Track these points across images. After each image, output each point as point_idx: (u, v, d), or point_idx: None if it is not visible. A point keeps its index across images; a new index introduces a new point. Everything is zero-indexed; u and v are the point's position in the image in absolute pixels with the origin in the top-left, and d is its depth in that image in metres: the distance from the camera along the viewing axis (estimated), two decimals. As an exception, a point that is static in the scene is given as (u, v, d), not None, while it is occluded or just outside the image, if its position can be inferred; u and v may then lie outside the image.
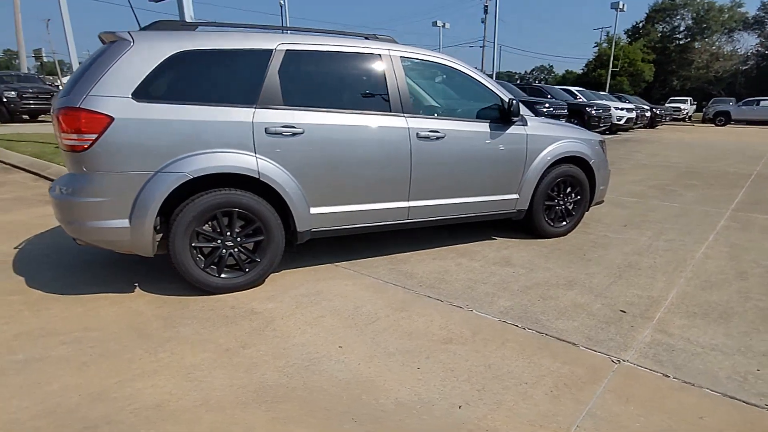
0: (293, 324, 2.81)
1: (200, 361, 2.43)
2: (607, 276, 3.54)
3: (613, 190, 6.70)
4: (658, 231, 4.71)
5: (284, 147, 3.17)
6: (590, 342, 2.59)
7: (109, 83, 2.82)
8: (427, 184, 3.69)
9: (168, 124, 2.90)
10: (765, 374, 2.28)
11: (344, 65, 3.48)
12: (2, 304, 3.08)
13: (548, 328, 2.74)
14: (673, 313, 2.94)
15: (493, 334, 2.68)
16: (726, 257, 3.94)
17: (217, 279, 3.18)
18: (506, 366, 2.37)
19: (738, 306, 3.03)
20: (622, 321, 2.83)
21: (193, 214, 3.01)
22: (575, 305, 3.05)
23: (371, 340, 2.63)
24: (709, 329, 2.73)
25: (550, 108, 12.84)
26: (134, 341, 2.61)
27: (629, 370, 2.34)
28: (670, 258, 3.92)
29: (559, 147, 4.22)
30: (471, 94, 4.03)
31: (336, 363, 2.41)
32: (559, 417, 1.99)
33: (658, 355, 2.45)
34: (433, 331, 2.72)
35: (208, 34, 3.15)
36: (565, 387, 2.19)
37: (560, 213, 4.48)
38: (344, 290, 3.29)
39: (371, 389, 2.19)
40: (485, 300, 3.12)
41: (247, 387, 2.21)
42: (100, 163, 2.81)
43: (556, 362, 2.40)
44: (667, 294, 3.21)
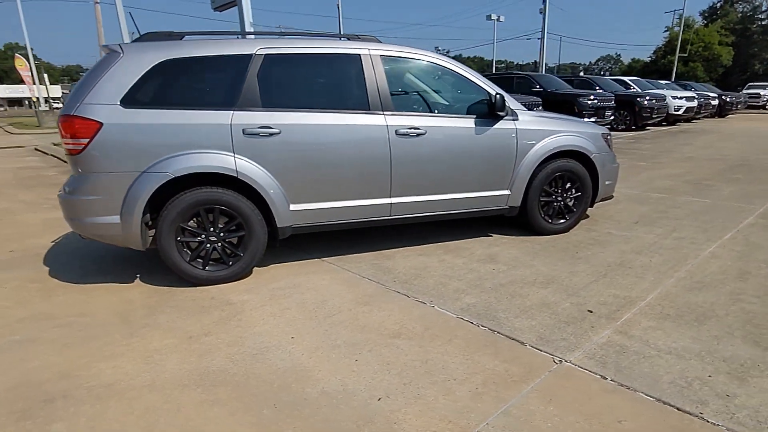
0: (259, 315, 2.95)
1: (163, 346, 2.62)
2: (590, 275, 3.39)
3: (641, 185, 6.33)
4: (671, 228, 4.41)
5: (261, 147, 3.31)
6: (540, 341, 2.52)
7: (100, 92, 3.09)
8: (409, 180, 3.70)
9: (152, 127, 3.12)
10: (715, 381, 2.13)
11: (323, 67, 3.57)
12: (21, 290, 3.45)
13: (503, 326, 2.69)
14: (644, 314, 2.78)
15: (444, 330, 2.68)
16: (734, 257, 3.64)
17: (202, 271, 3.39)
18: (443, 362, 2.37)
19: (721, 308, 2.82)
20: (583, 321, 2.72)
21: (176, 211, 3.22)
22: (542, 304, 2.96)
23: (324, 332, 2.71)
24: (676, 332, 2.57)
25: (594, 100, 12.24)
26: (116, 327, 2.85)
27: (567, 370, 2.26)
28: (669, 257, 3.68)
29: (553, 141, 4.07)
30: (456, 90, 3.99)
31: (282, 352, 2.51)
32: (472, 414, 1.98)
33: (606, 357, 2.35)
34: (387, 326, 2.76)
35: (192, 42, 3.34)
36: (492, 385, 2.17)
37: (559, 209, 4.32)
38: (320, 284, 3.39)
39: (304, 378, 2.28)
40: (451, 296, 3.11)
41: (194, 371, 2.36)
42: (93, 164, 3.08)
43: (495, 360, 2.37)
44: (647, 294, 3.04)
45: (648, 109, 13.68)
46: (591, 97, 12.32)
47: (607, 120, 12.88)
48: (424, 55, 3.79)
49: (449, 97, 4.03)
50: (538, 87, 12.96)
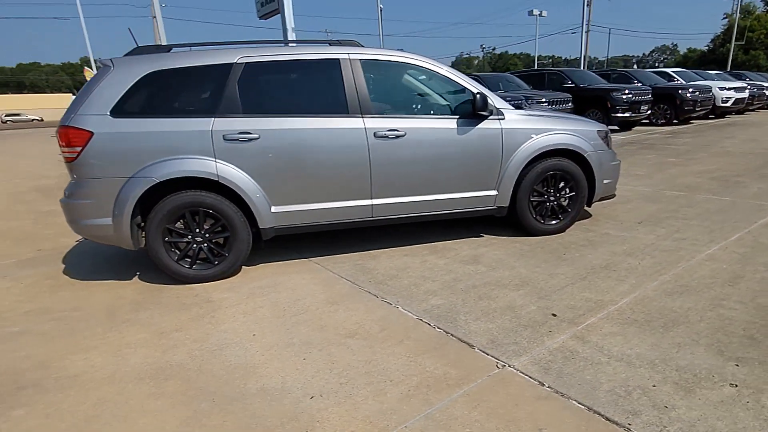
0: (232, 313, 3.05)
1: (135, 340, 2.76)
2: (570, 277, 3.26)
3: (662, 183, 5.99)
4: (674, 229, 4.16)
5: (241, 151, 3.41)
6: (490, 345, 2.46)
7: (92, 103, 3.29)
8: (389, 181, 3.70)
9: (139, 135, 3.29)
10: (658, 391, 2.00)
11: (302, 72, 3.63)
12: (34, 286, 3.73)
13: (458, 329, 2.65)
14: (610, 319, 2.65)
15: (399, 332, 2.67)
16: (733, 259, 3.38)
17: (189, 270, 3.54)
18: (385, 363, 2.36)
19: (697, 314, 2.63)
20: (543, 325, 2.63)
21: (163, 213, 3.38)
22: (508, 307, 2.88)
23: (285, 330, 2.77)
24: (637, 338, 2.43)
25: (629, 94, 11.66)
26: (100, 321, 3.04)
27: (507, 375, 2.20)
28: (662, 259, 3.48)
29: (542, 140, 3.94)
30: (439, 90, 3.93)
31: (240, 349, 2.59)
32: (395, 416, 1.97)
33: (551, 363, 2.26)
34: (345, 326, 2.78)
35: (179, 54, 3.49)
36: (425, 388, 2.14)
37: (553, 209, 4.17)
38: (298, 283, 3.46)
39: (249, 374, 2.34)
40: (420, 298, 3.08)
41: (154, 365, 2.48)
42: (86, 170, 3.29)
43: (437, 363, 2.33)
44: (621, 299, 2.88)
45: (690, 102, 12.86)
46: (625, 92, 11.73)
47: (643, 114, 12.24)
48: (404, 58, 3.77)
49: (432, 98, 3.97)
50: (570, 83, 12.50)
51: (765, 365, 2.13)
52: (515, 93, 10.91)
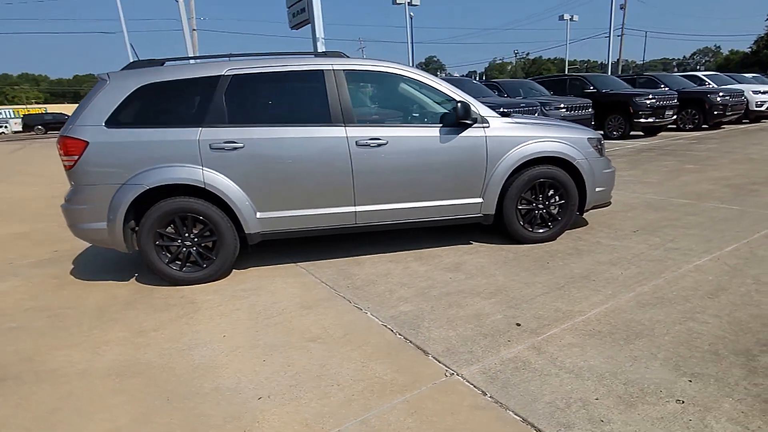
0: (210, 314, 3.14)
1: (115, 338, 2.89)
2: (546, 287, 3.20)
3: (672, 190, 5.78)
4: (670, 238, 4.01)
5: (227, 160, 3.52)
6: (445, 353, 2.45)
7: (89, 115, 3.47)
8: (372, 189, 3.73)
9: (132, 145, 3.45)
10: (598, 404, 1.95)
11: (287, 83, 3.71)
12: (41, 285, 3.94)
13: (418, 336, 2.65)
14: (573, 330, 2.59)
15: (360, 337, 2.69)
16: (722, 271, 3.24)
17: (179, 273, 3.66)
18: (338, 367, 2.39)
19: (664, 327, 2.54)
20: (504, 335, 2.59)
21: (154, 218, 3.53)
22: (475, 315, 2.86)
23: (254, 333, 2.84)
24: (595, 350, 2.37)
25: (652, 99, 11.28)
26: (89, 320, 3.19)
27: (452, 384, 2.18)
28: (646, 269, 3.36)
29: (528, 148, 3.88)
30: (423, 99, 3.94)
31: (207, 350, 2.67)
32: (332, 419, 1.99)
33: (500, 373, 2.23)
34: (311, 330, 2.82)
35: (170, 67, 3.64)
36: (369, 393, 2.16)
37: (542, 217, 4.10)
38: (279, 287, 3.53)
39: (208, 374, 2.41)
40: (392, 304, 3.09)
41: (126, 362, 2.60)
42: (83, 177, 3.47)
43: (388, 369, 2.34)
44: (591, 309, 2.81)
45: (720, 106, 12.32)
46: (649, 96, 11.36)
47: (668, 120, 11.80)
48: (389, 68, 3.80)
49: (416, 107, 3.98)
50: (592, 88, 12.21)
51: (721, 382, 2.04)
52: (532, 99, 10.74)
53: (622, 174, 7.11)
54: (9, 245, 5.23)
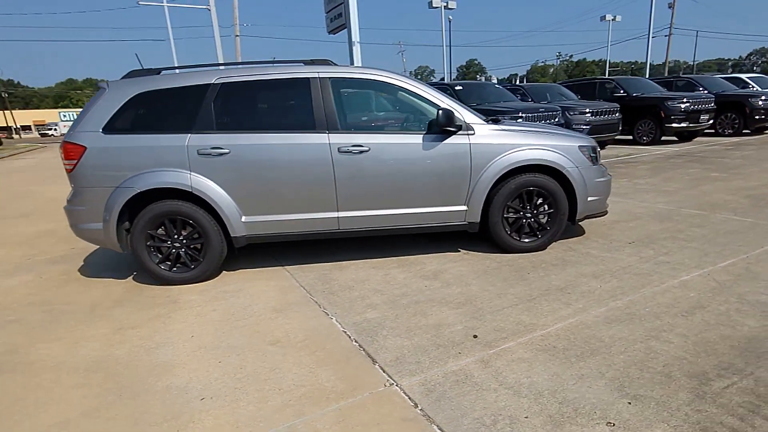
0: (187, 314, 3.25)
1: (96, 334, 3.04)
2: (518, 298, 3.12)
3: (687, 200, 5.50)
4: (665, 251, 3.82)
5: (213, 165, 3.63)
6: (393, 362, 2.44)
7: (88, 121, 3.67)
8: (355, 195, 3.75)
9: (126, 150, 3.62)
10: (525, 423, 1.89)
11: (274, 91, 3.80)
12: (50, 280, 4.19)
13: (373, 344, 2.65)
14: (528, 344, 2.52)
15: (318, 342, 2.72)
16: (707, 288, 3.06)
17: (168, 273, 3.81)
18: (287, 372, 2.43)
19: (624, 345, 2.43)
20: (458, 346, 2.55)
21: (145, 220, 3.69)
22: (436, 325, 2.83)
23: (221, 334, 2.92)
24: (543, 366, 2.29)
25: (686, 103, 10.75)
26: (80, 315, 3.36)
27: (388, 394, 2.17)
28: (627, 283, 3.22)
29: (514, 156, 3.80)
30: (407, 106, 3.93)
31: (172, 349, 2.77)
32: (262, 423, 2.03)
33: (438, 386, 2.20)
34: (275, 333, 2.87)
35: (165, 76, 3.80)
36: (307, 399, 2.18)
37: (530, 227, 4.00)
38: (260, 290, 3.60)
39: (165, 373, 2.50)
40: (358, 310, 3.11)
41: (95, 358, 2.73)
42: (81, 180, 3.67)
43: (333, 376, 2.36)
44: (554, 324, 2.72)
45: (762, 111, 11.58)
46: (683, 100, 10.83)
47: (704, 124, 11.21)
48: (373, 75, 3.81)
49: (400, 113, 3.98)
50: (622, 92, 11.77)
51: (661, 406, 1.94)
52: (553, 104, 10.48)
53: (638, 182, 6.83)
54: (34, 242, 5.57)
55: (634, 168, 8.16)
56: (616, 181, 6.94)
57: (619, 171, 7.92)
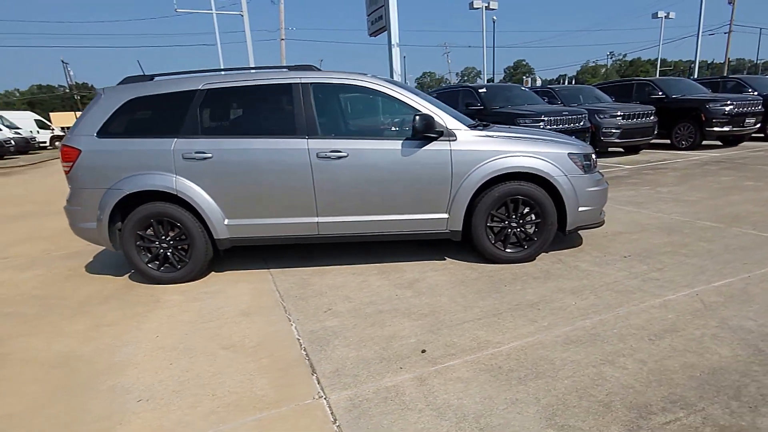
0: (161, 314, 3.33)
1: (73, 330, 3.17)
2: (484, 312, 2.99)
3: (705, 211, 5.12)
4: (660, 267, 3.55)
5: (197, 169, 3.71)
6: (331, 374, 2.39)
7: (84, 126, 3.84)
8: (334, 201, 3.73)
9: (117, 153, 3.76)
10: (437, 449, 1.80)
11: (257, 96, 3.83)
12: (58, 275, 4.42)
13: (321, 353, 2.61)
14: (474, 363, 2.40)
15: (269, 348, 2.71)
16: (689, 310, 2.81)
17: (156, 272, 3.93)
18: (228, 377, 2.43)
19: (572, 370, 2.27)
20: (402, 361, 2.47)
21: (134, 220, 3.82)
22: (390, 337, 2.75)
23: (183, 335, 2.97)
24: (479, 388, 2.18)
25: (730, 106, 10.01)
26: (68, 311, 3.52)
27: (313, 408, 2.13)
28: (605, 301, 3.02)
29: (497, 163, 3.65)
30: (389, 111, 3.86)
31: (134, 348, 2.85)
32: (185, 428, 2.04)
33: (365, 402, 2.14)
34: (232, 337, 2.89)
35: (157, 82, 3.91)
36: (234, 407, 2.18)
37: (516, 237, 3.83)
38: (236, 293, 3.65)
39: (116, 372, 2.57)
40: (320, 317, 3.08)
41: (64, 353, 2.84)
42: (77, 182, 3.85)
43: (268, 384, 2.34)
44: (510, 342, 2.59)
45: (818, 114, 10.60)
46: (726, 102, 10.09)
47: (749, 128, 10.40)
48: (354, 80, 3.77)
49: (381, 119, 3.92)
50: (660, 93, 11.11)
51: (588, 440, 1.79)
52: (579, 107, 10.06)
53: (661, 190, 6.42)
54: (56, 237, 5.90)
55: (662, 175, 7.68)
56: (636, 189, 6.56)
57: (645, 178, 7.48)
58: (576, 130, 8.78)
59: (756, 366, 2.18)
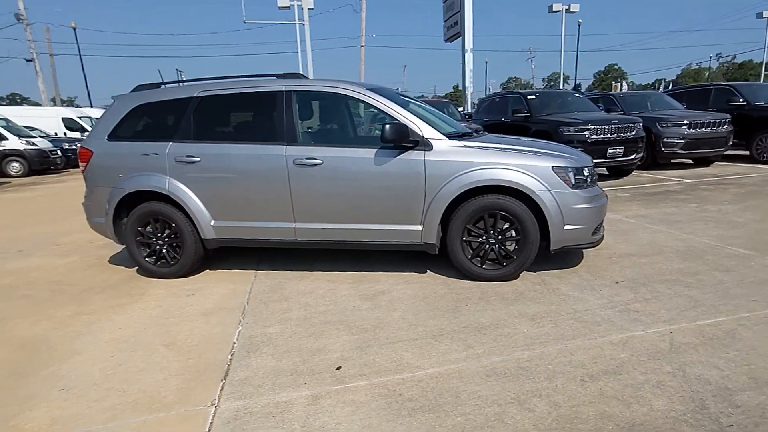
0: (138, 307, 3.51)
1: (60, 316, 3.42)
2: (425, 332, 2.79)
3: (744, 236, 4.44)
4: (646, 297, 3.10)
5: (187, 171, 3.87)
6: (239, 382, 2.36)
7: (98, 130, 4.18)
8: (309, 207, 3.71)
9: (122, 155, 4.04)
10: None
11: (245, 104, 3.91)
12: (85, 262, 4.82)
13: (245, 359, 2.59)
14: (378, 387, 2.24)
15: (202, 350, 2.74)
16: (650, 351, 2.41)
17: (153, 267, 4.15)
18: (150, 375, 2.49)
19: (475, 405, 2.03)
20: (310, 376, 2.38)
21: (134, 217, 4.07)
22: (317, 350, 2.66)
23: (142, 329, 3.09)
24: (364, 415, 2.03)
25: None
26: (68, 297, 3.82)
27: (199, 415, 2.11)
28: (562, 332, 2.69)
29: (472, 175, 3.40)
30: (367, 119, 3.75)
31: (92, 338, 3.00)
32: (79, 421, 2.12)
33: (249, 416, 2.07)
34: (179, 335, 2.96)
35: (162, 90, 4.14)
36: (133, 406, 2.22)
37: (495, 253, 3.55)
38: (214, 292, 3.74)
39: (65, 360, 2.72)
40: (267, 323, 3.06)
41: (37, 337, 3.08)
42: (90, 180, 4.19)
43: (177, 386, 2.36)
44: (429, 368, 2.38)
45: None
46: (819, 110, 8.67)
47: None
48: (335, 87, 3.71)
49: (359, 127, 3.80)
50: (740, 100, 9.82)
51: (439, 489, 1.59)
52: (645, 114, 9.18)
53: (708, 209, 5.64)
54: (104, 228, 6.44)
55: (721, 191, 6.76)
56: (680, 206, 5.84)
57: (698, 194, 6.63)
58: (626, 140, 8.02)
59: (686, 427, 1.81)
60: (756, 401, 1.94)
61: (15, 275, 4.43)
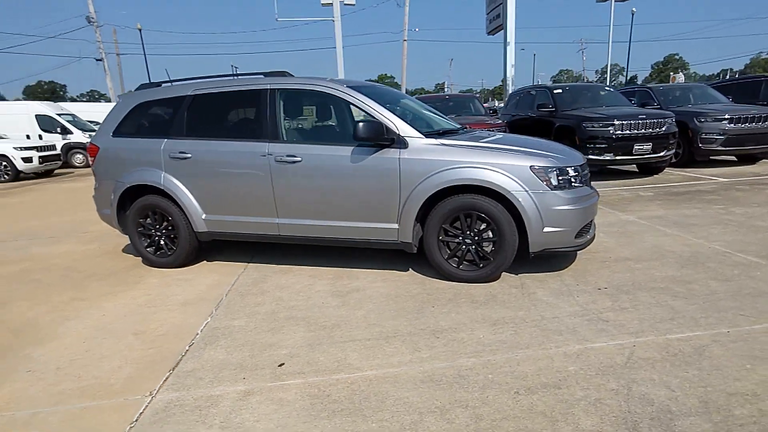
0: (128, 295, 3.66)
1: (56, 301, 3.61)
2: (381, 333, 2.73)
3: (760, 242, 4.03)
4: (624, 306, 2.87)
5: (180, 167, 3.99)
6: (184, 374, 2.40)
7: (105, 127, 4.37)
8: (290, 203, 3.72)
9: (124, 150, 4.22)
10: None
11: (233, 102, 3.96)
12: (104, 250, 5.07)
13: (201, 351, 2.64)
14: (311, 387, 2.21)
15: (166, 340, 2.81)
16: (603, 364, 2.22)
17: (153, 256, 4.32)
18: (108, 361, 2.58)
19: (393, 412, 1.95)
20: (251, 371, 2.38)
21: (135, 209, 4.24)
22: (270, 344, 2.67)
23: (122, 317, 3.22)
24: (286, 414, 2.00)
25: None
26: (71, 283, 4.03)
27: (134, 405, 2.17)
28: (520, 340, 2.54)
29: (447, 174, 3.28)
30: (347, 117, 3.69)
31: (77, 323, 3.15)
32: (20, 404, 2.22)
33: (178, 408, 2.10)
34: (152, 324, 3.06)
35: (162, 88, 4.27)
36: (81, 391, 2.31)
37: (472, 254, 3.42)
38: (201, 282, 3.84)
39: (44, 343, 2.88)
40: (235, 316, 3.10)
41: (29, 320, 3.26)
42: (97, 174, 4.40)
43: (127, 374, 2.43)
44: (370, 370, 2.32)
45: None
46: None
47: None
48: (316, 86, 3.68)
49: (338, 125, 3.75)
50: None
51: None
52: (686, 108, 8.58)
53: (734, 211, 5.18)
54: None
55: (755, 193, 6.19)
56: (704, 208, 5.40)
57: (729, 194, 6.10)
58: (655, 135, 7.49)
59: (605, 452, 1.66)
60: (698, 429, 1.75)
61: (34, 260, 4.73)
